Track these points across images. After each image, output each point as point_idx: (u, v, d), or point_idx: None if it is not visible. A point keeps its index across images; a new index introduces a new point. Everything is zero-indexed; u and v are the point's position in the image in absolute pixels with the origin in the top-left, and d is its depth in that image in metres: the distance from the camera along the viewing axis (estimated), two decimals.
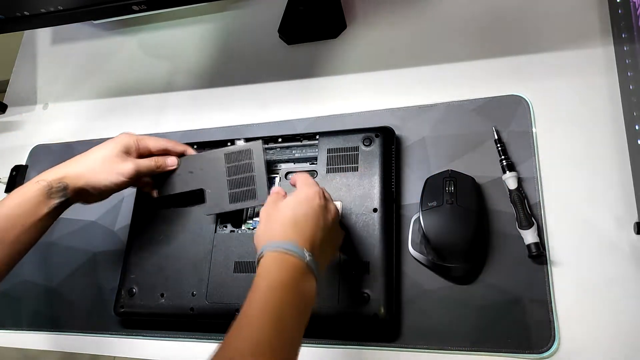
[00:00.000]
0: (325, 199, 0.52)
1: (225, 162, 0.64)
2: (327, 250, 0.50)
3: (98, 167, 0.58)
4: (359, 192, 0.61)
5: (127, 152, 0.60)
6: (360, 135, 0.63)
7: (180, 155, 0.66)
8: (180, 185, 0.65)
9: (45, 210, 0.55)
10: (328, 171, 0.63)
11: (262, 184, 0.62)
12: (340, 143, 0.64)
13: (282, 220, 0.48)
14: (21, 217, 0.54)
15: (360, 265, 0.57)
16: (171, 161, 0.64)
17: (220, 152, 0.64)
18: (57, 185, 0.56)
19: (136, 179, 0.61)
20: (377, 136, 0.63)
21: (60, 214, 0.57)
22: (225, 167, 0.64)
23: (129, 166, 0.59)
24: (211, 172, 0.64)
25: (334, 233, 0.53)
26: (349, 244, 0.59)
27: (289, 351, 0.41)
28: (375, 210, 0.59)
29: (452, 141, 0.65)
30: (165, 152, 0.65)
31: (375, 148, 0.62)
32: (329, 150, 0.64)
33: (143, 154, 0.63)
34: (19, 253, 0.54)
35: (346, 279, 0.57)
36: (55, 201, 0.55)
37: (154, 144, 0.64)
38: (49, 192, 0.55)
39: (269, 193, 0.56)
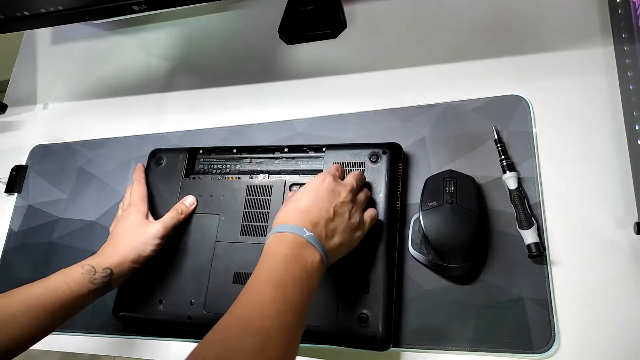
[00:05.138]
0: (336, 182, 0.54)
1: (246, 194, 0.65)
2: (337, 230, 0.51)
3: (135, 242, 0.62)
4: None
5: (146, 215, 0.65)
6: (368, 151, 0.62)
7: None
8: (199, 207, 0.67)
9: (85, 291, 0.57)
10: None
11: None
12: (346, 157, 0.63)
13: (288, 208, 0.52)
14: (64, 294, 0.55)
15: (360, 285, 0.56)
16: (190, 202, 0.67)
17: (243, 183, 0.66)
18: (101, 271, 0.58)
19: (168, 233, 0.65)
20: (384, 153, 0.61)
21: (105, 293, 0.60)
22: (244, 199, 0.65)
23: (157, 228, 0.63)
24: (231, 201, 0.65)
25: (343, 212, 0.53)
26: (349, 262, 0.57)
27: (293, 313, 0.43)
28: None
29: (452, 141, 0.65)
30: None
31: (382, 165, 0.61)
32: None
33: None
34: (52, 326, 0.56)
35: (345, 297, 0.56)
36: (97, 286, 0.58)
37: (145, 192, 0.68)
38: (92, 278, 0.58)
39: None
